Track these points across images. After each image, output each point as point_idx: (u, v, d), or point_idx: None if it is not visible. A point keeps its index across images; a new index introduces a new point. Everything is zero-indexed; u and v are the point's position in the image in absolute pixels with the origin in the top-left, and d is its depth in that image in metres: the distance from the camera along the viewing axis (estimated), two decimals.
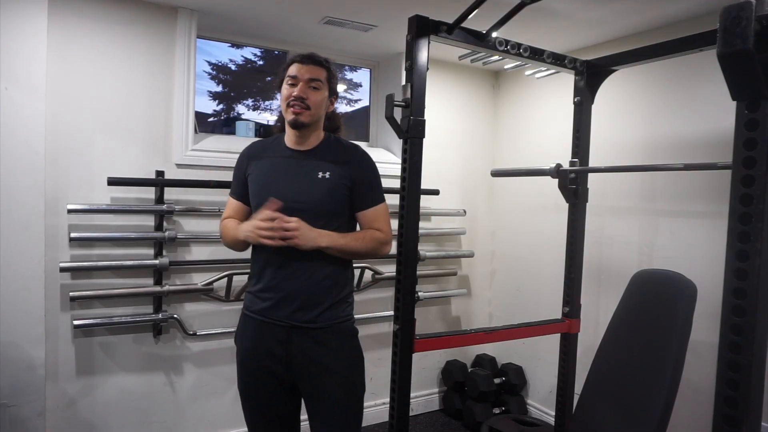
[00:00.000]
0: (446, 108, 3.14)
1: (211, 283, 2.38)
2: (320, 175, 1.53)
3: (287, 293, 1.50)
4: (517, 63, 2.23)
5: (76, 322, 2.13)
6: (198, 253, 2.42)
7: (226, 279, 2.40)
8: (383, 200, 1.63)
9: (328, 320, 1.52)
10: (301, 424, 1.67)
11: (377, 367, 2.92)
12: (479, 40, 1.87)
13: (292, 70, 1.54)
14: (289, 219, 1.43)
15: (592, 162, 2.33)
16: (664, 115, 2.36)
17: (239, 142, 2.61)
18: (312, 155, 1.57)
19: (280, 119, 1.66)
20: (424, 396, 3.16)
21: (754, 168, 1.00)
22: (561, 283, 2.30)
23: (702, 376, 2.08)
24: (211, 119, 2.89)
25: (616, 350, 1.82)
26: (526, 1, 1.63)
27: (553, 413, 2.43)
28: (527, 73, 2.42)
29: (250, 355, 1.56)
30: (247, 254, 1.65)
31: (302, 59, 1.56)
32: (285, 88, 1.55)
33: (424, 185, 1.83)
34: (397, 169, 1.79)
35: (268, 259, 1.52)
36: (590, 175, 2.26)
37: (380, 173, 2.86)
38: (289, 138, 1.60)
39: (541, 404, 3.01)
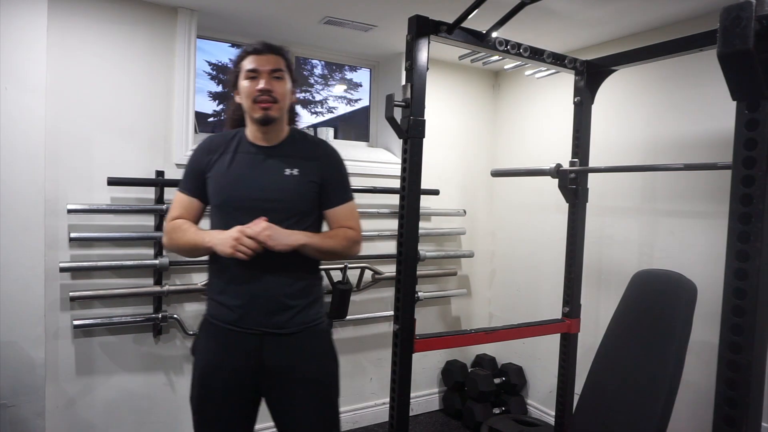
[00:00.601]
0: (446, 108, 3.14)
1: None
2: (287, 171, 1.45)
3: (256, 299, 1.41)
4: (517, 63, 2.23)
5: (76, 322, 2.13)
6: None
7: None
8: (352, 198, 1.55)
9: (300, 324, 1.45)
10: None
11: (377, 367, 2.92)
12: (479, 40, 1.87)
13: (250, 62, 1.44)
14: (257, 223, 1.35)
15: (592, 162, 2.33)
16: (664, 115, 2.36)
17: None
18: (278, 151, 1.48)
19: (236, 116, 1.55)
20: (424, 396, 3.16)
21: (754, 168, 1.00)
22: (561, 283, 2.30)
23: (702, 376, 2.08)
24: (211, 119, 2.89)
25: (616, 350, 1.82)
26: (526, 1, 1.63)
27: (553, 413, 2.43)
28: (527, 73, 2.42)
29: (214, 371, 1.44)
30: None
31: (258, 50, 1.45)
32: (246, 84, 1.43)
33: (424, 185, 1.83)
34: (397, 169, 1.79)
35: (234, 263, 1.38)
36: (590, 175, 2.26)
37: (380, 173, 2.86)
38: (253, 133, 1.49)
39: (541, 404, 3.01)
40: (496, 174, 2.38)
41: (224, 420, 1.46)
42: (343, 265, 2.59)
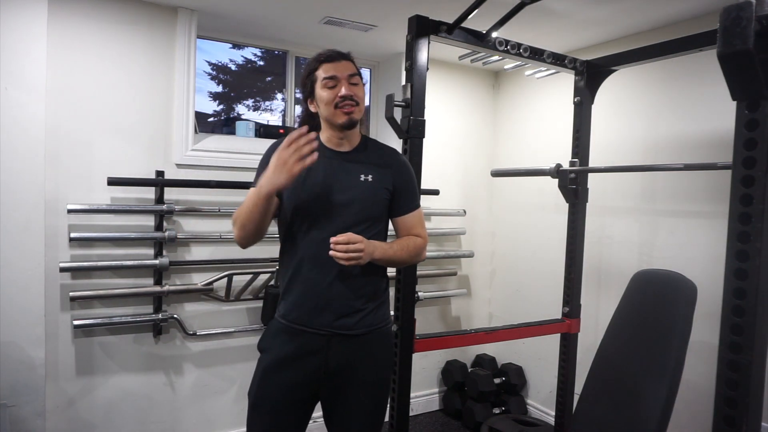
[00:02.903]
0: (446, 108, 3.14)
1: (211, 283, 2.38)
2: (362, 177, 1.48)
3: (327, 301, 1.43)
4: (517, 63, 2.24)
5: (76, 322, 2.12)
6: (198, 253, 2.42)
7: (226, 279, 2.40)
8: (420, 205, 1.59)
9: (368, 326, 1.47)
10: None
11: None
12: (479, 40, 1.87)
13: (328, 70, 1.46)
14: (356, 239, 1.35)
15: (592, 162, 2.33)
16: (664, 115, 2.36)
17: (239, 142, 2.61)
18: (353, 157, 1.51)
19: (309, 121, 1.55)
20: (424, 396, 3.16)
21: (754, 168, 1.00)
22: (561, 283, 2.30)
23: (702, 376, 2.08)
24: (211, 119, 2.89)
25: (616, 350, 1.82)
26: (526, 1, 1.63)
27: (553, 413, 2.44)
28: (527, 73, 2.42)
29: (280, 363, 1.47)
30: (247, 254, 1.62)
31: (332, 57, 1.49)
32: (326, 92, 1.45)
33: (424, 185, 1.83)
34: None
35: (305, 266, 1.44)
36: (590, 175, 2.26)
37: None
38: (330, 139, 1.51)
39: (541, 404, 3.01)
40: (496, 174, 2.38)
41: (279, 415, 1.49)
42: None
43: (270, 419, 1.49)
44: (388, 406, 1.88)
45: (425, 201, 2.73)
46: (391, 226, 1.58)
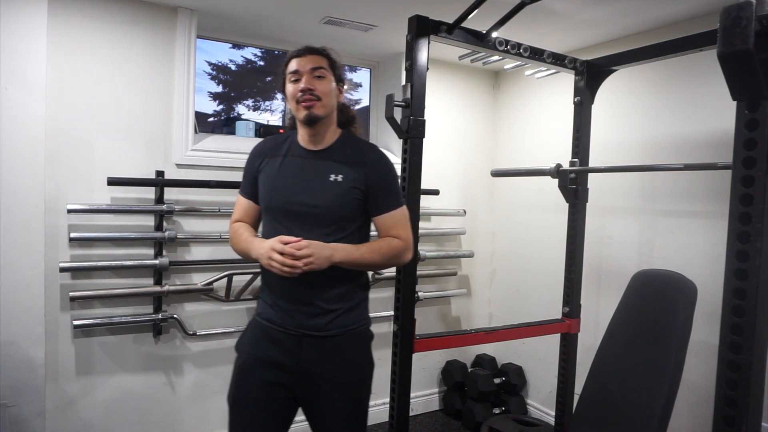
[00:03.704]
0: (446, 108, 3.14)
1: (211, 283, 2.38)
2: (332, 177, 1.44)
3: (297, 301, 1.43)
4: (517, 63, 2.24)
5: (76, 322, 2.12)
6: (198, 253, 2.42)
7: (226, 279, 2.40)
8: (402, 204, 1.52)
9: (340, 327, 1.45)
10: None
11: (377, 368, 2.90)
12: (479, 40, 1.87)
13: (292, 65, 1.46)
14: (299, 246, 1.33)
15: (592, 162, 2.33)
16: (664, 115, 2.36)
17: (239, 142, 2.61)
18: (325, 156, 1.48)
19: (291, 119, 1.57)
20: (424, 396, 3.16)
21: (754, 168, 1.00)
22: (561, 283, 2.30)
23: (702, 376, 2.08)
24: (211, 119, 2.89)
25: (616, 350, 1.82)
26: (526, 1, 1.63)
27: (553, 413, 2.44)
28: (527, 73, 2.42)
29: (253, 363, 1.47)
30: None
31: (299, 52, 1.47)
32: (289, 86, 1.45)
33: (424, 185, 1.83)
34: (397, 169, 1.79)
35: None
36: (590, 175, 2.26)
37: None
38: (303, 137, 1.50)
39: (541, 404, 3.01)
40: (496, 174, 2.38)
41: (258, 416, 1.47)
42: None
43: (248, 419, 1.47)
44: (388, 406, 1.88)
45: (425, 201, 2.73)
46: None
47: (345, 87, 1.59)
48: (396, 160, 2.95)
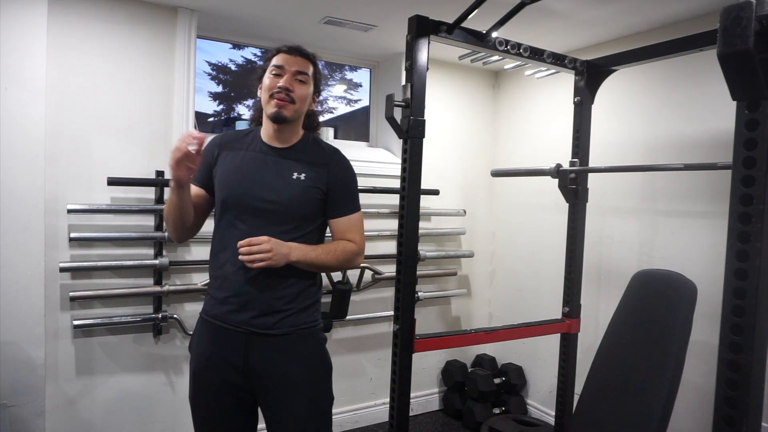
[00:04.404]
0: (446, 108, 3.14)
1: None
2: (295, 175, 1.44)
3: (249, 298, 1.40)
4: (517, 63, 2.23)
5: (76, 322, 2.13)
6: (198, 253, 2.42)
7: None
8: (359, 209, 1.53)
9: (289, 326, 1.42)
10: None
11: (377, 368, 2.92)
12: (479, 40, 1.87)
13: (279, 59, 1.44)
14: (259, 240, 1.32)
15: (592, 162, 2.33)
16: (664, 115, 2.36)
17: None
18: (288, 154, 1.47)
19: (258, 111, 1.55)
20: (424, 396, 3.16)
21: (754, 168, 1.00)
22: (561, 283, 2.30)
23: (702, 376, 2.08)
24: (211, 119, 2.89)
25: (616, 350, 1.82)
26: (526, 1, 1.63)
27: (553, 413, 2.43)
28: (527, 73, 2.42)
29: (206, 365, 1.44)
30: None
31: (290, 50, 1.46)
32: (268, 78, 1.43)
33: (424, 185, 1.83)
34: (397, 169, 1.79)
35: (230, 261, 1.41)
36: (590, 175, 2.26)
37: (380, 173, 2.86)
38: (267, 132, 1.49)
39: (541, 404, 3.01)
40: (496, 174, 2.38)
41: (220, 415, 1.45)
42: None
43: (209, 423, 1.46)
44: (388, 406, 1.88)
45: (425, 201, 2.73)
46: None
47: (319, 98, 1.59)
48: (396, 160, 2.97)
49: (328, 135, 2.87)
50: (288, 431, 1.43)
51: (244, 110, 2.98)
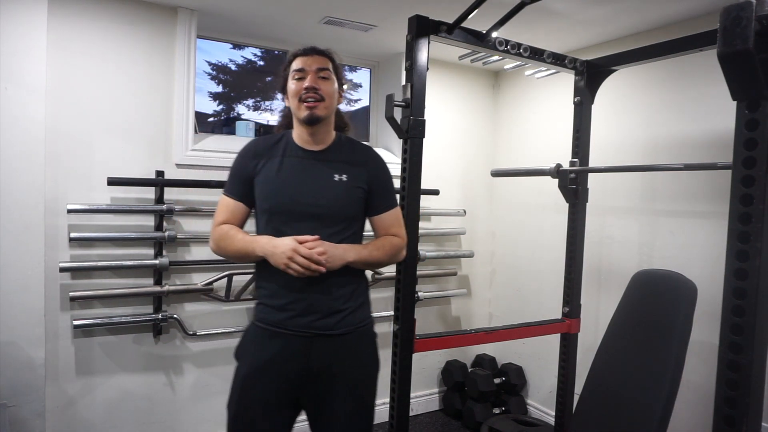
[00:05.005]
0: (446, 108, 3.14)
1: (211, 283, 2.38)
2: (336, 177, 1.45)
3: (308, 303, 1.41)
4: (517, 63, 2.24)
5: (76, 322, 2.12)
6: (198, 253, 2.42)
7: (226, 279, 2.40)
8: (397, 203, 1.56)
9: (349, 325, 1.45)
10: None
11: None
12: (479, 40, 1.87)
13: (297, 63, 1.45)
14: (314, 245, 1.34)
15: (592, 162, 2.33)
16: (664, 115, 2.36)
17: (239, 142, 2.59)
18: (326, 156, 1.48)
19: (285, 118, 1.58)
20: (424, 396, 3.16)
21: (754, 168, 1.00)
22: (561, 283, 2.30)
23: (702, 376, 2.08)
24: (211, 119, 2.89)
25: (616, 350, 1.82)
26: (526, 1, 1.63)
27: (553, 413, 2.44)
28: (527, 73, 2.42)
29: (259, 376, 1.43)
30: None
31: (305, 51, 1.47)
32: (293, 84, 1.45)
33: (424, 185, 1.83)
34: (397, 169, 1.79)
35: (281, 270, 1.41)
36: (590, 175, 2.26)
37: None
38: (301, 137, 1.49)
39: (541, 404, 3.01)
40: (496, 174, 2.38)
41: (262, 426, 1.44)
42: None
43: (253, 430, 1.44)
44: (388, 406, 1.88)
45: (425, 201, 2.73)
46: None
47: (345, 89, 1.59)
48: (396, 160, 2.97)
49: None
50: (340, 426, 1.45)
51: (244, 110, 2.98)
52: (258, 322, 1.48)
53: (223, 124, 2.92)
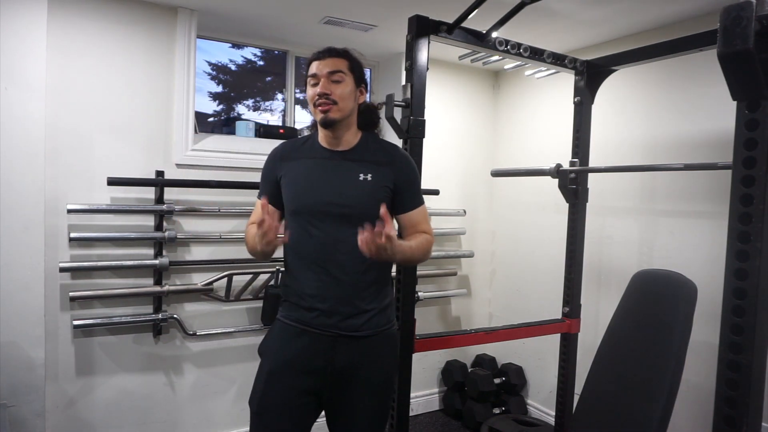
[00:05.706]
0: (446, 108, 3.14)
1: (211, 283, 2.38)
2: (361, 176, 1.45)
3: (334, 303, 1.42)
4: (517, 63, 2.24)
5: (76, 322, 2.12)
6: (198, 253, 2.42)
7: (226, 279, 2.40)
8: (424, 201, 1.57)
9: (375, 327, 1.46)
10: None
11: None
12: (479, 40, 1.87)
13: (312, 68, 1.47)
14: (384, 229, 1.27)
15: (592, 162, 2.33)
16: (664, 115, 2.36)
17: (239, 142, 2.61)
18: (351, 156, 1.49)
19: (313, 122, 1.59)
20: (424, 396, 3.16)
21: (754, 168, 1.00)
22: (561, 283, 2.30)
23: (702, 376, 2.08)
24: (211, 119, 2.89)
25: (616, 350, 1.82)
26: (526, 1, 1.63)
27: (553, 413, 2.44)
28: (527, 73, 2.42)
29: (283, 369, 1.44)
30: (247, 254, 1.57)
31: (319, 54, 1.48)
32: (309, 89, 1.47)
33: (424, 185, 1.83)
34: None
35: (310, 267, 1.43)
36: (590, 175, 2.26)
37: None
38: (324, 138, 1.50)
39: (541, 404, 3.01)
40: (496, 174, 2.39)
41: (286, 423, 1.45)
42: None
43: (276, 426, 1.45)
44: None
45: (425, 201, 2.73)
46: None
47: (366, 88, 1.57)
48: None
49: None
50: (359, 425, 1.47)
51: (244, 110, 2.98)
52: (284, 318, 1.49)
53: (223, 124, 2.92)
